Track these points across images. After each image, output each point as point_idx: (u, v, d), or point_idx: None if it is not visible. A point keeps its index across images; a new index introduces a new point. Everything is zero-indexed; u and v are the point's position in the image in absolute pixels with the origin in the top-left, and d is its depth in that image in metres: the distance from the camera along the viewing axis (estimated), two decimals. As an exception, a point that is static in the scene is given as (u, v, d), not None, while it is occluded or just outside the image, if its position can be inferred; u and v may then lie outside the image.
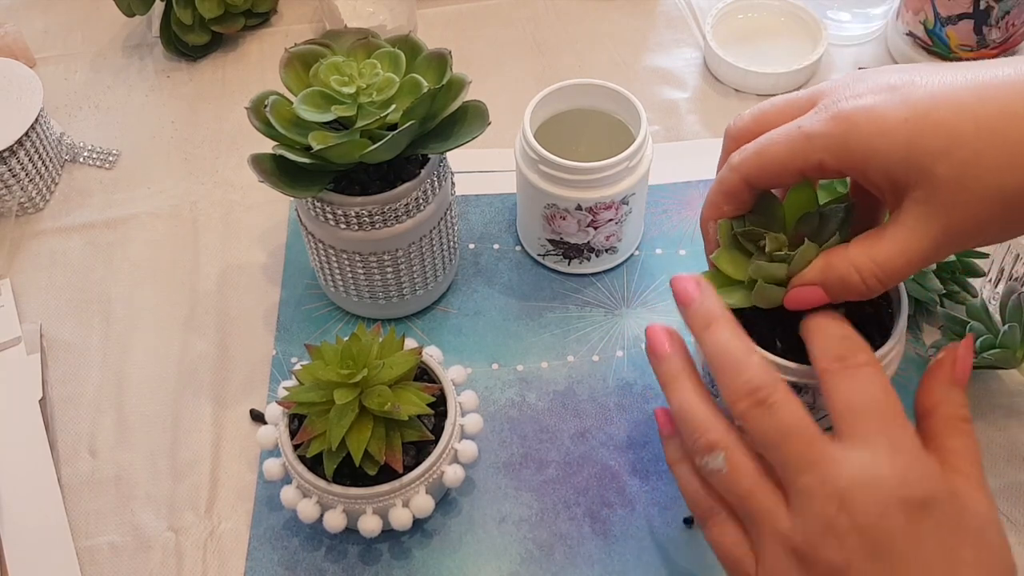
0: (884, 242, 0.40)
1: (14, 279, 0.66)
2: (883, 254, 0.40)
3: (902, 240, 0.40)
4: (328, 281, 0.61)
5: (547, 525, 0.54)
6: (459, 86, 0.54)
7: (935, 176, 0.38)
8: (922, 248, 0.40)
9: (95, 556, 0.53)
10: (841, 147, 0.40)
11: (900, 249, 0.40)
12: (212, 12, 0.77)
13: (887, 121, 0.39)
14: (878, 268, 0.40)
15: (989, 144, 0.37)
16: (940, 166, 0.38)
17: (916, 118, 0.38)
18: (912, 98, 0.39)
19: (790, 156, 0.41)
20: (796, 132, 0.41)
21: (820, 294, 0.43)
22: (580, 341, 0.61)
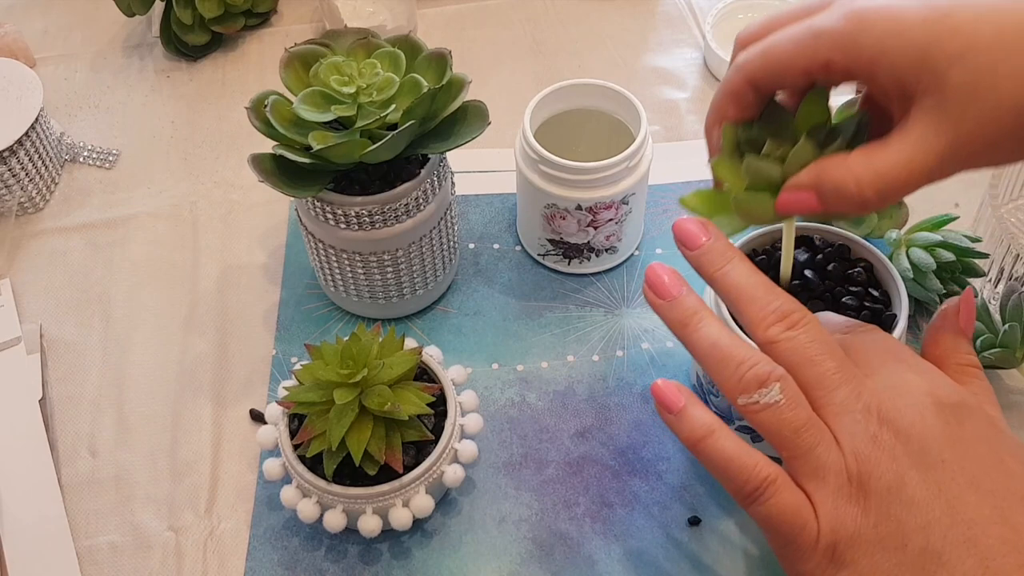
0: (887, 151, 0.38)
1: (14, 279, 0.66)
2: (884, 164, 0.38)
3: (907, 150, 0.37)
4: (328, 281, 0.61)
5: (547, 525, 0.54)
6: (459, 86, 0.54)
7: (948, 82, 0.36)
8: (926, 161, 0.37)
9: (95, 556, 0.53)
10: (851, 45, 0.38)
11: (903, 160, 0.37)
12: (212, 12, 0.77)
13: (903, 20, 0.36)
14: (877, 178, 0.38)
15: (1009, 53, 0.35)
16: (954, 71, 0.35)
17: (934, 19, 0.36)
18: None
19: (796, 53, 0.39)
20: (804, 29, 0.39)
21: (813, 200, 0.40)
22: (580, 341, 0.61)
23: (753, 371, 0.39)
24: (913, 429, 0.37)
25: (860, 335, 0.42)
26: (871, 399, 0.38)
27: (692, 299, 0.42)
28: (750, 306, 0.40)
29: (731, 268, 0.41)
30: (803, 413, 0.38)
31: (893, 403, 0.38)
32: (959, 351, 0.42)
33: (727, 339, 0.40)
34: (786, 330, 0.39)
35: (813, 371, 0.39)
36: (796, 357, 0.39)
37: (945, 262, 0.57)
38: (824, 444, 0.38)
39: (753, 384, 0.39)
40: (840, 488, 0.38)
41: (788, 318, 0.40)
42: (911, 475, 0.37)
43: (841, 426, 0.38)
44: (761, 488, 0.38)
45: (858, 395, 0.38)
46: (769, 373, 0.39)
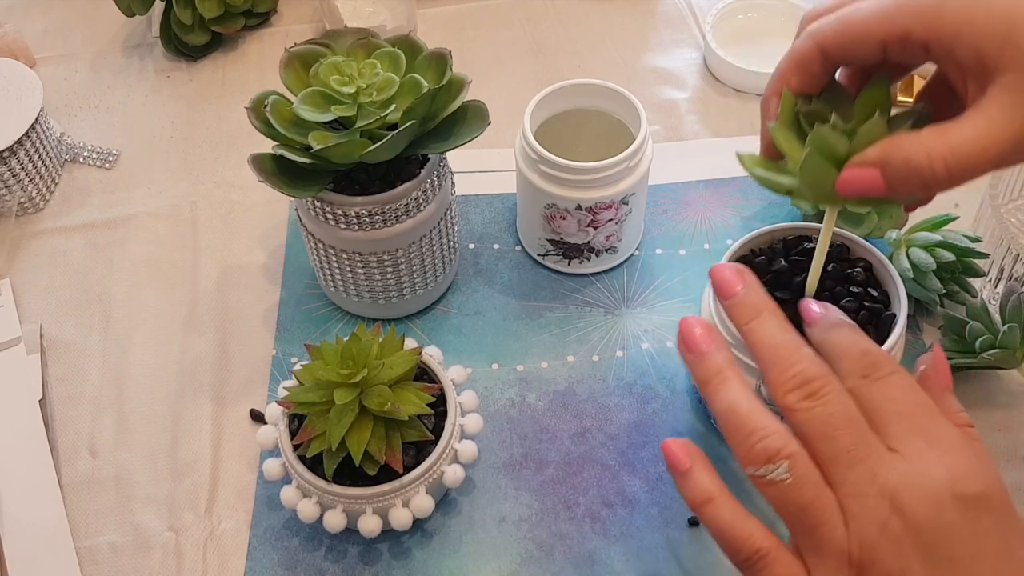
0: (961, 126, 0.36)
1: (14, 279, 0.66)
2: (959, 138, 0.36)
3: (983, 126, 0.36)
4: (328, 281, 0.61)
5: (547, 525, 0.54)
6: (459, 86, 0.54)
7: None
8: (1002, 139, 0.35)
9: (95, 556, 0.53)
10: (934, 15, 0.36)
11: (978, 135, 0.36)
12: (212, 12, 0.77)
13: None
14: (950, 152, 0.36)
15: None
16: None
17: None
18: None
19: (874, 20, 0.37)
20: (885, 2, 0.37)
21: (878, 179, 0.38)
22: (580, 341, 0.61)
23: (763, 444, 0.38)
24: (926, 524, 0.36)
25: (883, 387, 0.39)
26: (887, 482, 0.37)
27: (718, 358, 0.41)
28: (772, 368, 0.40)
29: (758, 324, 0.41)
30: (809, 492, 0.38)
31: (910, 492, 0.36)
32: (949, 412, 0.40)
33: (745, 405, 0.39)
34: (804, 399, 0.38)
35: (829, 447, 0.38)
36: (812, 429, 0.38)
37: (945, 262, 0.57)
38: (829, 525, 0.37)
39: (761, 458, 0.38)
40: (839, 570, 0.37)
41: (807, 386, 0.39)
42: (914, 569, 0.36)
43: (851, 508, 0.37)
44: (752, 560, 0.39)
45: (873, 477, 0.37)
46: (779, 450, 0.38)
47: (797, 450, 0.38)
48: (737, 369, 0.41)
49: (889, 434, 0.38)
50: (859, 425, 0.38)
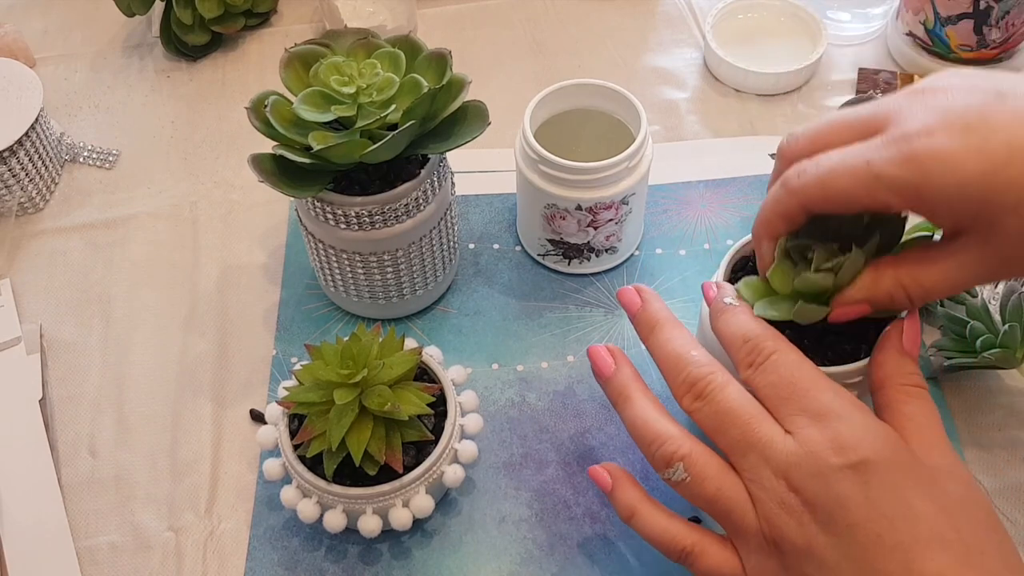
0: (934, 270, 0.41)
1: (14, 279, 0.66)
2: (931, 280, 0.41)
3: (951, 272, 0.41)
4: (328, 281, 0.61)
5: (547, 525, 0.54)
6: (459, 86, 0.54)
7: (1001, 227, 0.38)
8: (966, 280, 0.41)
9: (95, 556, 0.53)
10: (912, 193, 0.39)
11: (948, 280, 0.41)
12: (212, 12, 0.77)
13: (963, 174, 0.38)
14: (923, 291, 0.42)
15: None
16: (1009, 219, 0.38)
17: (992, 172, 0.37)
18: (988, 147, 0.37)
19: (856, 192, 0.40)
20: (863, 168, 0.40)
21: (866, 310, 0.43)
22: (580, 341, 0.61)
23: (661, 450, 0.42)
24: (818, 498, 0.38)
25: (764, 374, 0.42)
26: (777, 464, 0.39)
27: (620, 377, 0.45)
28: (668, 377, 0.43)
29: (654, 337, 0.45)
30: (710, 486, 0.41)
31: (798, 471, 0.39)
32: (903, 371, 0.42)
33: (644, 417, 0.43)
34: (694, 400, 0.42)
35: (722, 439, 0.41)
36: (706, 427, 0.42)
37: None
38: (739, 510, 0.40)
39: (661, 464, 0.42)
40: (760, 547, 0.40)
41: (694, 388, 0.42)
42: (819, 539, 0.38)
43: (753, 491, 0.40)
44: (682, 557, 0.43)
45: (765, 461, 0.40)
46: (672, 453, 0.42)
47: (689, 451, 0.41)
48: (639, 384, 0.45)
49: (780, 417, 0.41)
50: (744, 414, 0.41)
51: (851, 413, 0.40)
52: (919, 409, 0.41)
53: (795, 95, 0.75)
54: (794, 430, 0.40)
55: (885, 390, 0.42)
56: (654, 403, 0.44)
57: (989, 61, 0.73)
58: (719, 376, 0.42)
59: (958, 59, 0.73)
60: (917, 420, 0.41)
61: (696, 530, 0.43)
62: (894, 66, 0.77)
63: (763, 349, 0.42)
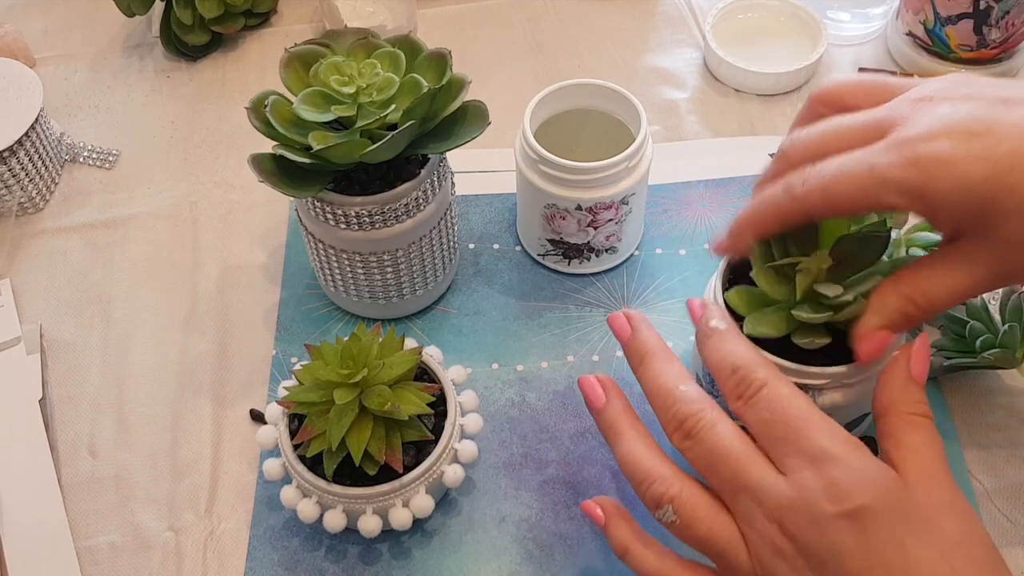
0: (939, 281, 0.41)
1: (14, 279, 0.66)
2: (937, 290, 0.41)
3: (953, 281, 0.41)
4: (328, 281, 0.61)
5: (547, 525, 0.54)
6: (459, 86, 0.54)
7: (1002, 232, 0.38)
8: (971, 288, 0.41)
9: (95, 556, 0.53)
10: (916, 196, 0.39)
11: (955, 288, 0.41)
12: (212, 12, 0.77)
13: (967, 179, 0.38)
14: (931, 304, 0.42)
15: None
16: (1012, 223, 0.38)
17: (996, 178, 0.37)
18: (993, 155, 0.38)
19: (861, 197, 0.40)
20: (867, 173, 0.40)
21: (889, 338, 0.43)
22: (580, 341, 0.61)
23: (650, 491, 0.41)
24: (813, 545, 0.37)
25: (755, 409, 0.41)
26: (770, 509, 0.38)
27: (610, 412, 0.44)
28: (656, 411, 0.42)
29: (644, 368, 0.44)
30: (700, 528, 0.40)
31: (792, 517, 0.38)
32: (908, 399, 0.41)
33: (634, 454, 0.42)
34: (683, 440, 0.41)
35: (713, 479, 0.40)
36: (697, 466, 0.41)
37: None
38: (732, 551, 0.40)
39: (651, 504, 0.41)
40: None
41: (682, 428, 0.41)
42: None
43: (746, 533, 0.39)
44: None
45: (758, 504, 0.39)
46: (661, 495, 0.41)
47: (679, 492, 0.40)
48: (630, 418, 0.44)
49: (773, 457, 0.39)
50: (735, 455, 0.40)
51: (848, 456, 0.38)
52: (922, 440, 0.40)
53: (795, 95, 0.75)
54: (789, 473, 0.39)
55: (888, 417, 0.41)
56: (644, 439, 0.43)
57: (989, 61, 0.73)
58: (708, 414, 0.41)
59: (958, 59, 0.73)
60: (919, 452, 0.40)
61: (689, 568, 0.42)
62: (894, 66, 0.77)
63: (752, 381, 0.41)
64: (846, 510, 0.37)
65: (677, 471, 0.41)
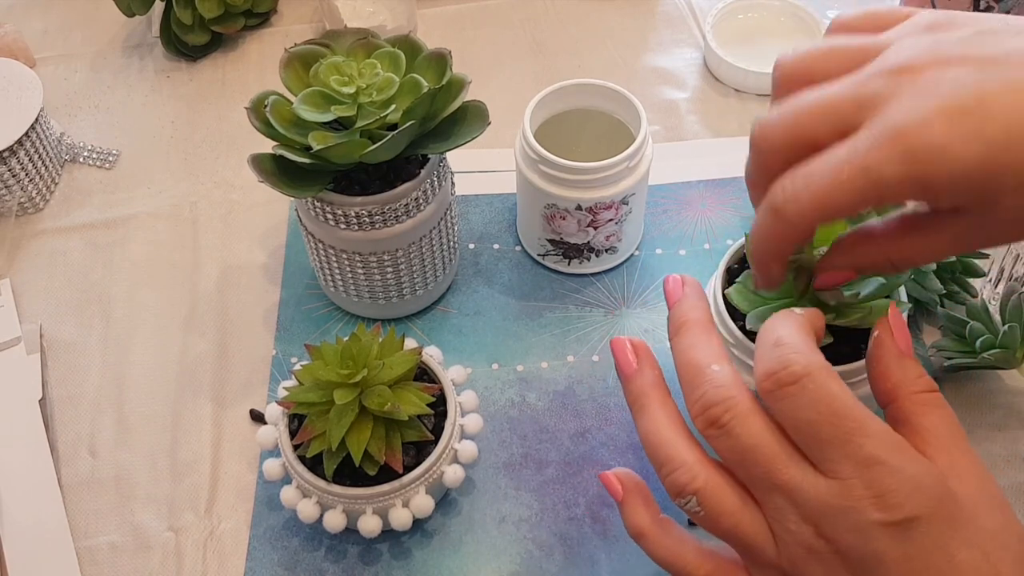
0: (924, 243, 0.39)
1: (14, 279, 0.66)
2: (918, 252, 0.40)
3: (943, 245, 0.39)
4: (328, 281, 0.61)
5: (547, 525, 0.54)
6: (459, 86, 0.54)
7: (1000, 206, 0.36)
8: (955, 252, 0.40)
9: (95, 556, 0.53)
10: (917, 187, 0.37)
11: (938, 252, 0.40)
12: (212, 12, 0.77)
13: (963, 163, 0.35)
14: (909, 262, 0.40)
15: None
16: (1008, 199, 0.36)
17: (991, 157, 0.35)
18: (986, 134, 0.35)
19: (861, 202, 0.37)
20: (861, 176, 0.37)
21: (851, 276, 0.42)
22: (580, 341, 0.61)
23: (671, 478, 0.38)
24: (853, 551, 0.35)
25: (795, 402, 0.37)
26: (807, 511, 0.36)
27: (640, 381, 0.41)
28: (683, 390, 0.39)
29: (677, 339, 0.41)
30: (727, 522, 0.38)
31: (832, 522, 0.36)
32: (910, 378, 0.39)
33: (658, 433, 0.39)
34: (708, 427, 0.38)
35: (743, 473, 0.38)
36: (724, 457, 0.38)
37: (945, 262, 0.57)
38: (758, 546, 0.38)
39: (673, 492, 0.39)
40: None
41: (708, 413, 0.38)
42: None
43: (776, 530, 0.37)
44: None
45: (792, 504, 0.36)
46: (685, 485, 0.38)
47: (704, 484, 0.38)
48: (659, 393, 0.40)
49: (814, 457, 0.36)
50: (768, 453, 0.37)
51: (896, 460, 0.36)
52: (940, 421, 0.38)
53: (795, 95, 0.75)
54: (833, 476, 0.36)
55: (898, 403, 0.39)
56: (672, 418, 0.40)
57: (989, 61, 0.73)
58: (740, 404, 0.37)
59: (958, 59, 0.73)
60: (941, 434, 0.38)
61: (710, 557, 0.40)
62: (894, 66, 0.77)
63: (792, 368, 0.36)
64: (895, 519, 0.35)
65: (703, 458, 0.39)
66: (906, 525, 0.35)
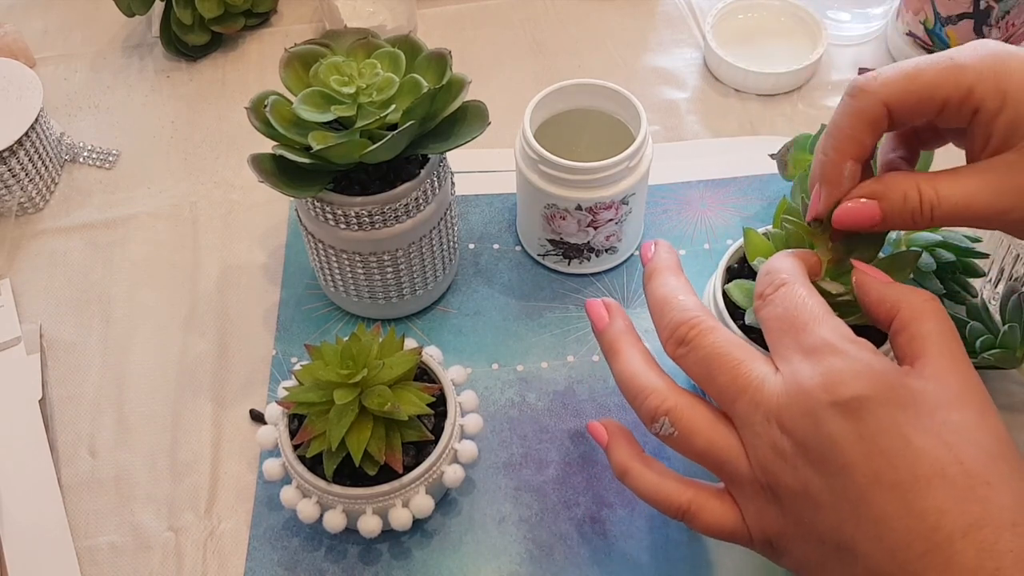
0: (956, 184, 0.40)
1: (14, 279, 0.66)
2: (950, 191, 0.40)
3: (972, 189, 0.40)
4: (328, 281, 0.61)
5: (547, 525, 0.54)
6: (459, 86, 0.54)
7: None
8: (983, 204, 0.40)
9: (95, 556, 0.53)
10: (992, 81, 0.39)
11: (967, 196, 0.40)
12: (212, 12, 0.77)
13: None
14: (938, 201, 0.40)
15: None
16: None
17: None
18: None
19: (942, 80, 0.40)
20: (946, 61, 0.40)
21: (876, 213, 0.42)
22: (580, 341, 0.61)
23: (645, 405, 0.41)
24: (810, 439, 0.37)
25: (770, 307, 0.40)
26: (768, 407, 0.38)
27: (611, 331, 0.44)
28: (655, 324, 0.42)
29: (650, 283, 0.44)
30: (699, 441, 0.40)
31: (789, 412, 0.37)
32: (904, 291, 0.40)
33: (630, 370, 0.42)
34: (677, 347, 0.41)
35: (710, 387, 0.40)
36: (693, 375, 0.40)
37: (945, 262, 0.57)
38: (732, 460, 0.39)
39: (647, 418, 0.41)
40: (756, 494, 0.39)
41: (675, 333, 0.41)
42: (814, 482, 0.37)
43: (746, 437, 0.39)
44: (679, 516, 0.41)
45: (756, 405, 0.38)
46: (656, 407, 0.40)
47: (674, 404, 0.40)
48: (630, 337, 0.43)
49: (775, 354, 0.39)
50: (730, 358, 0.39)
51: (847, 347, 0.37)
52: (936, 327, 0.39)
53: (795, 95, 0.75)
54: (785, 368, 0.38)
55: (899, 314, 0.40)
56: (643, 356, 0.43)
57: (989, 61, 0.73)
58: (704, 321, 0.40)
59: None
60: (935, 341, 0.38)
61: (691, 486, 0.41)
62: (894, 66, 0.77)
63: (774, 280, 0.41)
64: (842, 399, 0.36)
65: (673, 385, 0.41)
66: (855, 405, 0.36)
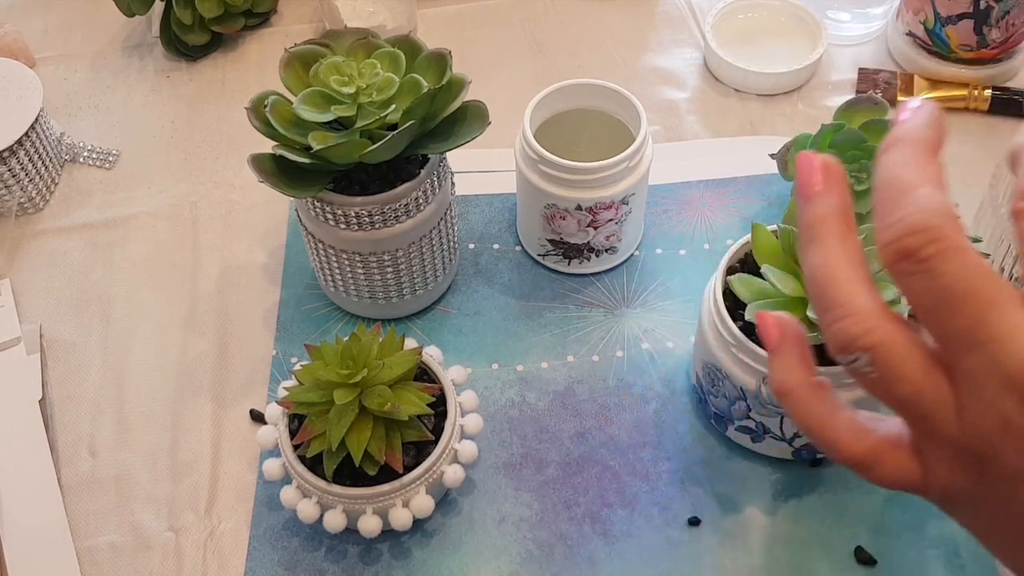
0: None
1: (14, 279, 0.66)
2: None
3: None
4: (328, 281, 0.61)
5: (547, 525, 0.54)
6: (459, 86, 0.54)
7: None
8: None
9: (95, 556, 0.53)
10: None
11: None
12: (212, 12, 0.77)
13: None
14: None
15: None
16: None
17: None
18: None
19: None
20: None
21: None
22: (580, 341, 0.61)
23: (839, 326, 0.31)
24: None
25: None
26: (1015, 373, 0.29)
27: (822, 206, 0.33)
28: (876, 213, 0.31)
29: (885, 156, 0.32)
30: (904, 389, 0.31)
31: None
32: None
33: (832, 269, 0.32)
34: (902, 260, 0.30)
35: (937, 325, 0.30)
36: (914, 302, 0.30)
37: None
38: (939, 419, 0.31)
39: (839, 345, 0.31)
40: (956, 456, 0.31)
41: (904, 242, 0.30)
42: None
43: (964, 396, 0.30)
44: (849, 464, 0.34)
45: (996, 365, 0.29)
46: (856, 338, 0.31)
47: (880, 340, 0.31)
48: (842, 224, 0.33)
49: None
50: (980, 298, 0.29)
51: None
52: None
53: (795, 95, 0.75)
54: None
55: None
56: (853, 255, 0.32)
57: (989, 61, 0.73)
58: (950, 236, 0.29)
59: (958, 59, 0.73)
60: None
61: (868, 435, 0.33)
62: (894, 66, 0.77)
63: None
64: None
65: (884, 309, 0.31)
66: None
